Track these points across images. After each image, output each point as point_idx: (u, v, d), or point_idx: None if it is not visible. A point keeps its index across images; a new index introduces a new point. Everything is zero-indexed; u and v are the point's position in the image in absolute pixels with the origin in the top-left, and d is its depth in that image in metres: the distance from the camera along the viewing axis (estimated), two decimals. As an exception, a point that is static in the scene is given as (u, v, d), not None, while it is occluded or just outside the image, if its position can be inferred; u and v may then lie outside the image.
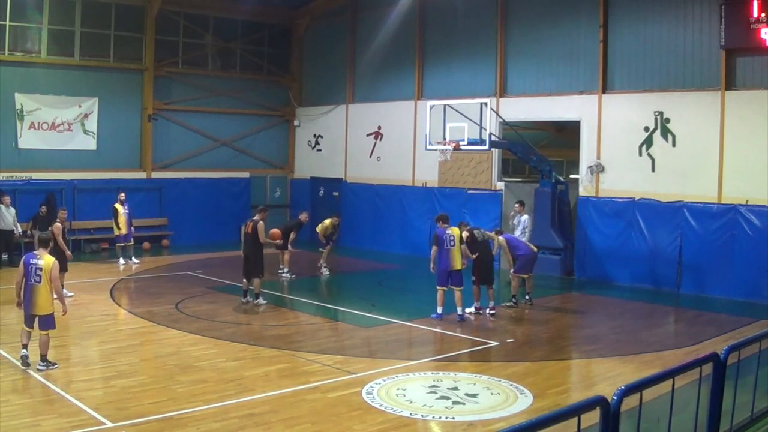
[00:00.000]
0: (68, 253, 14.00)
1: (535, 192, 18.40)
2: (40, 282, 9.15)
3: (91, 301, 13.91)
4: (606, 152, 17.43)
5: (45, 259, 9.27)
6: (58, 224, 14.20)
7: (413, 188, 21.47)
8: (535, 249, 14.66)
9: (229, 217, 23.20)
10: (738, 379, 6.19)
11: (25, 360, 9.32)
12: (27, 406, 7.99)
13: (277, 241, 15.82)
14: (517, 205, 16.28)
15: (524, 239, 15.24)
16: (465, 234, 13.09)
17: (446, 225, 12.92)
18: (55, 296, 9.36)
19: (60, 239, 13.85)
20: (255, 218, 14.21)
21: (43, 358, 9.33)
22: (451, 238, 12.73)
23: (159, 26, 22.06)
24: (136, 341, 11.31)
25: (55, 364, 9.45)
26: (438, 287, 12.88)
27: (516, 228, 15.88)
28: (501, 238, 14.18)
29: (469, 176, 20.10)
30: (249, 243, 13.99)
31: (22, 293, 9.33)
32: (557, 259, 17.62)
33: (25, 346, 9.41)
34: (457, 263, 12.71)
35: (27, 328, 9.33)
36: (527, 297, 14.35)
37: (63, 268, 13.97)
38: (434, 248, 12.85)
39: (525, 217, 15.95)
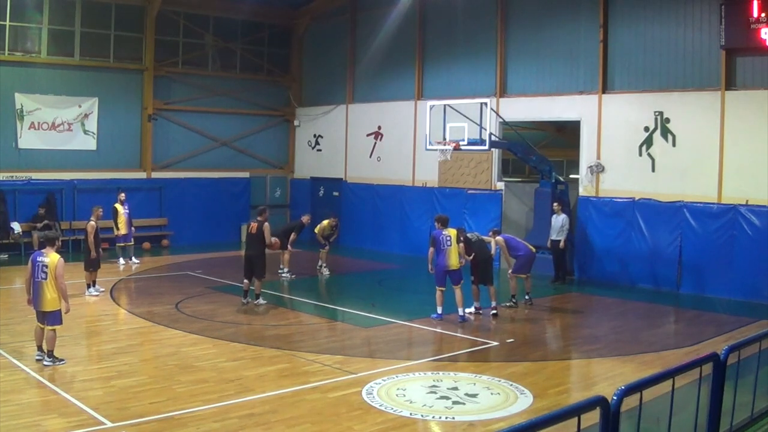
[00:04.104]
0: (93, 253, 14.08)
1: (535, 192, 18.41)
2: (46, 279, 9.33)
3: (91, 301, 13.91)
4: (606, 152, 17.43)
5: (50, 257, 9.43)
6: (92, 223, 14.35)
7: (413, 188, 21.46)
8: (534, 249, 14.66)
9: (229, 217, 23.27)
10: (738, 379, 6.19)
11: (39, 362, 9.45)
12: (27, 406, 7.98)
13: (276, 249, 15.71)
14: (555, 204, 16.75)
15: (562, 237, 16.35)
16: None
17: (443, 227, 12.92)
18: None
19: (90, 238, 14.01)
20: (259, 219, 14.14)
21: (50, 353, 9.47)
22: (448, 238, 12.73)
23: (159, 26, 22.06)
24: (136, 341, 11.30)
25: (63, 360, 9.54)
26: (437, 287, 12.90)
27: (553, 226, 16.61)
28: (499, 238, 14.17)
29: (469, 176, 20.09)
30: (253, 244, 13.96)
31: (31, 290, 9.49)
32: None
33: (39, 348, 9.55)
34: (454, 262, 12.72)
35: (39, 325, 9.52)
36: (527, 297, 14.36)
37: (94, 266, 14.25)
38: (431, 249, 12.88)
39: (563, 216, 16.53)
